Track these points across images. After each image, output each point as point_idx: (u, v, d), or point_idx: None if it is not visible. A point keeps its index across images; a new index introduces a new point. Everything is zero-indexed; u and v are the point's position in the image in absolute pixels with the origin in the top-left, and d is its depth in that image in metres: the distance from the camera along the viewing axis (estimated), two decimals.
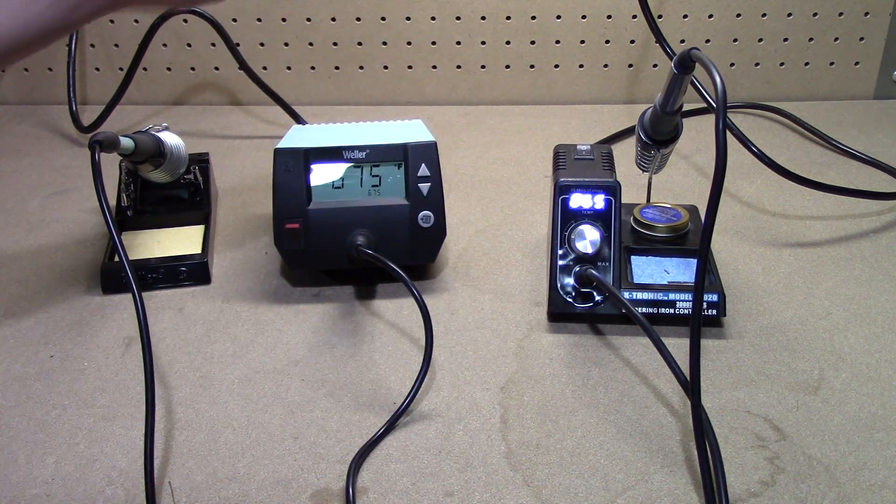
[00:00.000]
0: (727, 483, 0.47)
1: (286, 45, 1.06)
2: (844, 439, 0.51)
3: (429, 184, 0.66)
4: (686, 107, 0.62)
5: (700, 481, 0.48)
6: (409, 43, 1.06)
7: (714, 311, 0.61)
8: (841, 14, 1.02)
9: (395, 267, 0.60)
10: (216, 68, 1.09)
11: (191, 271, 0.70)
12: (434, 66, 1.08)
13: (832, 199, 0.80)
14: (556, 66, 1.07)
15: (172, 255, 0.70)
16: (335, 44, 1.06)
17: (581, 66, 1.07)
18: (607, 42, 1.05)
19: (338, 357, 0.61)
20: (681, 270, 0.64)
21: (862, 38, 1.03)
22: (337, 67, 1.08)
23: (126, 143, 0.65)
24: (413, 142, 0.66)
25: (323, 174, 0.66)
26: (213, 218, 0.78)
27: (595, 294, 0.62)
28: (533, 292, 0.68)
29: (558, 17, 1.04)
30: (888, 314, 0.64)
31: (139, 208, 0.75)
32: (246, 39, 1.06)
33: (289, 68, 1.08)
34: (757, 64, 1.05)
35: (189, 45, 1.08)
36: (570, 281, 0.62)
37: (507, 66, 1.07)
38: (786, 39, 1.04)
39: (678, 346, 0.59)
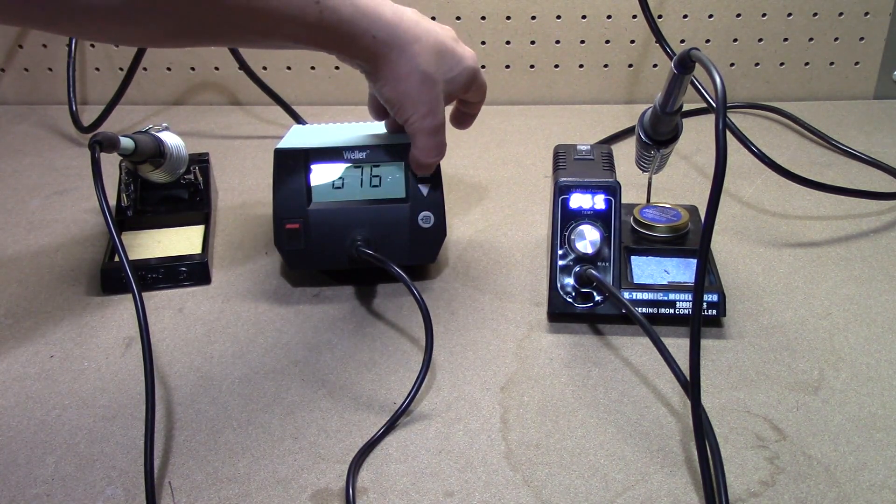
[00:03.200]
0: (727, 483, 0.47)
1: None
2: (844, 439, 0.51)
3: (429, 184, 0.66)
4: (686, 107, 0.62)
5: (700, 481, 0.48)
6: None
7: (714, 311, 0.61)
8: (841, 14, 1.02)
9: (395, 267, 0.60)
10: (216, 68, 1.09)
11: (191, 271, 0.70)
12: None
13: (832, 199, 0.80)
14: (556, 66, 1.07)
15: (172, 255, 0.70)
16: None
17: (581, 66, 1.07)
18: (607, 42, 1.05)
19: (338, 357, 0.61)
20: (681, 270, 0.64)
21: (862, 38, 1.03)
22: (337, 67, 1.08)
23: (126, 143, 0.65)
24: None
25: (323, 174, 0.66)
26: (213, 218, 0.78)
27: (595, 294, 0.62)
28: (533, 292, 0.68)
29: (558, 17, 1.04)
30: (888, 314, 0.64)
31: (139, 208, 0.75)
32: None
33: (289, 68, 1.08)
34: (757, 64, 1.05)
35: None
36: (570, 281, 0.62)
37: (507, 66, 1.07)
38: (786, 39, 1.04)
39: (678, 346, 0.59)
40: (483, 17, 1.04)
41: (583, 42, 1.05)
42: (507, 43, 1.06)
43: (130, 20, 0.48)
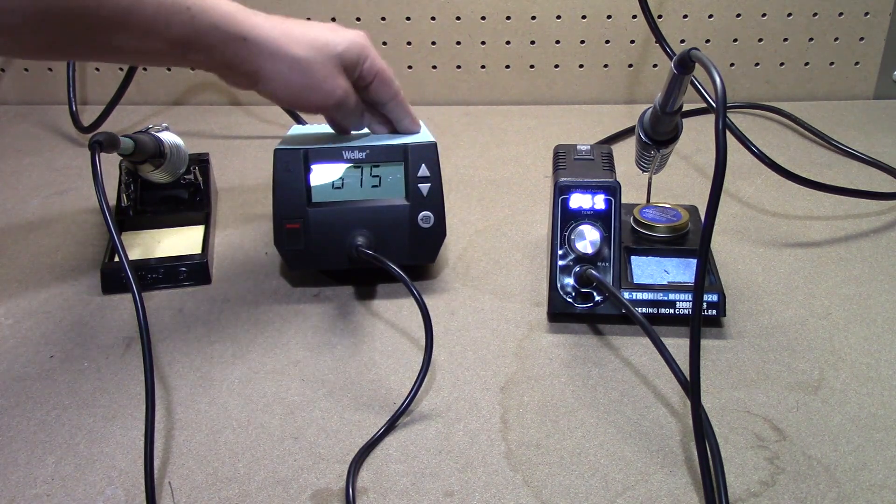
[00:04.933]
0: (727, 483, 0.47)
1: None
2: (844, 439, 0.52)
3: (429, 184, 0.66)
4: (686, 107, 0.62)
5: (700, 481, 0.48)
6: (408, 43, 1.06)
7: (714, 311, 0.61)
8: (841, 14, 1.02)
9: (395, 267, 0.60)
10: None
11: (191, 271, 0.70)
12: (434, 67, 1.08)
13: (832, 199, 0.80)
14: (556, 66, 1.07)
15: (172, 255, 0.70)
16: None
17: (581, 66, 1.07)
18: (607, 42, 1.05)
19: (338, 357, 0.61)
20: (681, 270, 0.64)
21: (862, 38, 1.03)
22: None
23: (126, 143, 0.65)
24: (413, 142, 0.66)
25: (323, 174, 0.66)
26: (213, 218, 0.78)
27: (595, 294, 0.62)
28: (533, 292, 0.68)
29: (558, 17, 1.04)
30: (888, 314, 0.64)
31: (139, 208, 0.75)
32: None
33: None
34: (757, 64, 1.05)
35: None
36: (570, 281, 0.62)
37: (507, 66, 1.07)
38: (786, 39, 1.04)
39: (678, 346, 0.59)
40: (483, 18, 1.04)
41: (583, 42, 1.05)
42: (507, 43, 1.06)
43: None
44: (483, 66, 1.07)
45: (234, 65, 0.58)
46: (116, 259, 0.70)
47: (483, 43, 1.06)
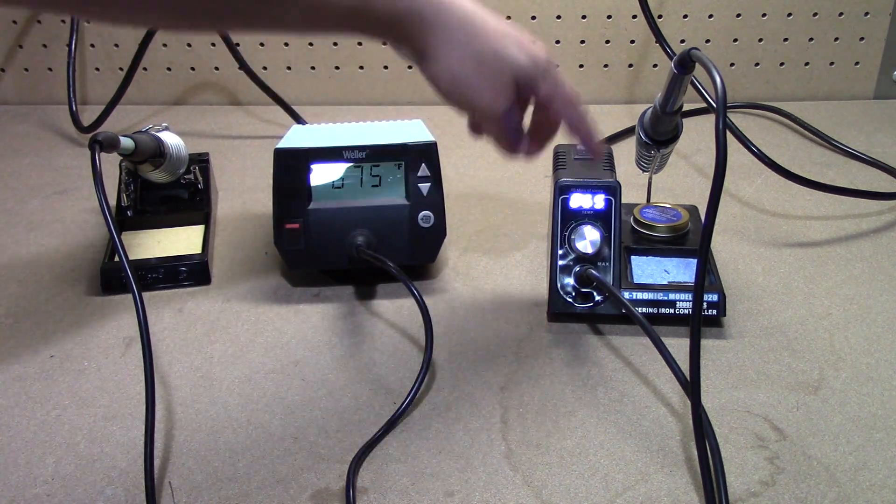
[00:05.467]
0: (727, 483, 0.47)
1: (286, 45, 1.06)
2: (844, 439, 0.52)
3: (429, 184, 0.66)
4: (686, 107, 0.62)
5: (700, 481, 0.48)
6: None
7: (714, 311, 0.61)
8: (841, 14, 1.02)
9: (395, 267, 0.60)
10: (216, 68, 1.09)
11: (191, 271, 0.70)
12: None
13: (832, 199, 0.80)
14: (556, 66, 1.07)
15: (172, 255, 0.70)
16: (335, 44, 1.06)
17: (581, 66, 1.07)
18: (607, 42, 1.05)
19: (338, 357, 0.61)
20: (681, 270, 0.64)
21: (862, 38, 1.03)
22: (337, 67, 1.08)
23: (126, 143, 0.65)
24: (413, 142, 0.66)
25: (323, 174, 0.66)
26: (213, 218, 0.78)
27: (595, 294, 0.62)
28: (533, 292, 0.68)
29: (558, 17, 1.04)
30: (888, 314, 0.64)
31: (139, 208, 0.75)
32: (246, 39, 1.06)
33: (289, 68, 1.08)
34: (757, 64, 1.05)
35: (189, 45, 1.08)
36: (570, 281, 0.62)
37: None
38: (786, 39, 1.04)
39: (678, 346, 0.59)
40: None
41: (583, 42, 1.05)
42: None
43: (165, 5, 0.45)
44: None
45: (404, 39, 0.54)
46: (116, 259, 0.70)
47: None
